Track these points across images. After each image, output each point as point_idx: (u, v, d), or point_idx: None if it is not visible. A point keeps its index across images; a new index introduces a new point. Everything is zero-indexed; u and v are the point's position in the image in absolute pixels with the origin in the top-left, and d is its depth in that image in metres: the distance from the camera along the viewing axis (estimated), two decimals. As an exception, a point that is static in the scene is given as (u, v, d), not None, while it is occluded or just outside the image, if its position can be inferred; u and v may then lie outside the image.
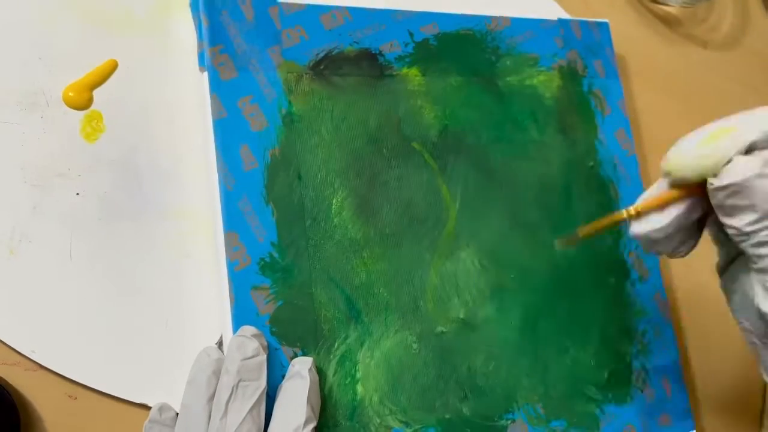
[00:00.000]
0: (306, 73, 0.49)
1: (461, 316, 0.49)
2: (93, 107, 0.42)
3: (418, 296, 0.48)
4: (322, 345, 0.45)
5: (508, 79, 0.55)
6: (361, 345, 0.46)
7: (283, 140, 0.47)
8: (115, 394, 0.43)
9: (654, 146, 0.64)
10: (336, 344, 0.45)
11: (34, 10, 0.47)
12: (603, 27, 0.60)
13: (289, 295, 0.44)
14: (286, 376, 0.42)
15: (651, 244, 0.41)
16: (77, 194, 0.45)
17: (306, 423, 0.39)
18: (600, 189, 0.56)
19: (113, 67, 0.43)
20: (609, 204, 0.56)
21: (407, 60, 0.52)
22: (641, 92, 0.66)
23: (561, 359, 0.51)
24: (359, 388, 0.45)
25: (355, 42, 0.51)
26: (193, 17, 0.49)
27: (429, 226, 0.50)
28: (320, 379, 0.44)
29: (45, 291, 0.43)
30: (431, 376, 0.47)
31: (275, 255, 0.45)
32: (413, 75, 0.52)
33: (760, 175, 0.35)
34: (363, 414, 0.45)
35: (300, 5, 0.50)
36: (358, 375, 0.45)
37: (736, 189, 0.36)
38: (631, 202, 0.56)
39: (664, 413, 0.53)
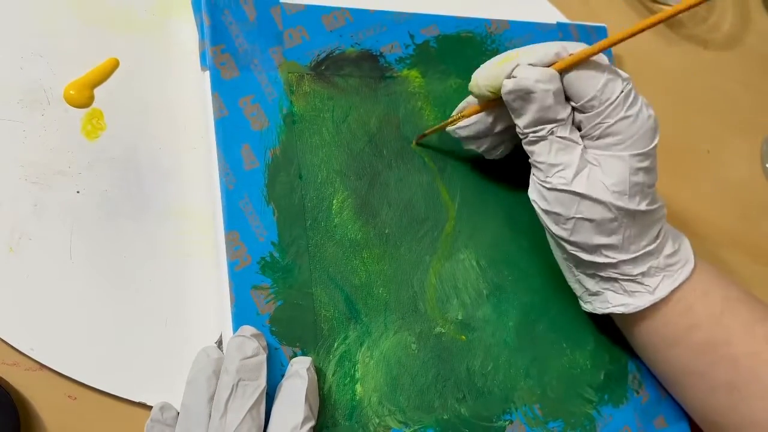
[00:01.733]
0: (307, 74, 0.49)
1: (460, 317, 0.49)
2: (94, 105, 0.42)
3: (417, 297, 0.48)
4: (322, 345, 0.45)
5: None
6: (361, 345, 0.46)
7: (284, 140, 0.47)
8: (115, 394, 0.43)
9: (653, 147, 0.64)
10: (335, 344, 0.45)
11: (36, 8, 0.47)
12: (601, 31, 0.60)
13: (289, 294, 0.45)
14: (285, 376, 0.43)
15: (464, 141, 0.50)
16: (78, 192, 0.45)
17: (304, 422, 0.40)
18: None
19: (114, 65, 0.43)
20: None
21: (408, 62, 0.52)
22: (641, 92, 0.66)
23: (558, 360, 0.51)
24: (358, 388, 0.45)
25: (356, 43, 0.51)
26: (195, 16, 0.49)
27: (428, 226, 0.50)
28: (319, 379, 0.44)
29: (45, 289, 0.43)
30: (430, 377, 0.47)
31: (275, 255, 0.45)
32: (413, 77, 0.52)
33: (537, 81, 0.42)
34: (362, 414, 0.45)
35: (301, 6, 0.50)
36: (358, 375, 0.45)
37: (517, 92, 0.43)
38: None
39: (659, 415, 0.53)
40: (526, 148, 0.45)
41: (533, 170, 0.45)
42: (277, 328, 0.44)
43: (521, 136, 0.45)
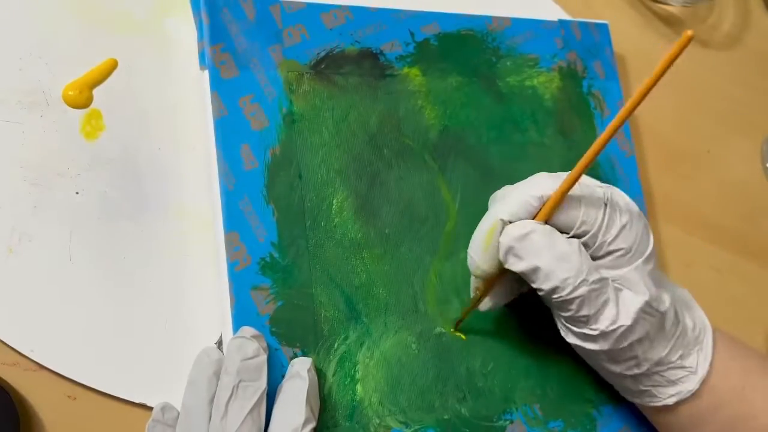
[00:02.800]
0: (307, 72, 0.49)
1: (460, 317, 0.49)
2: (93, 106, 0.42)
3: (417, 297, 0.48)
4: (322, 345, 0.45)
5: (508, 79, 0.55)
6: (361, 345, 0.46)
7: (284, 139, 0.47)
8: (115, 394, 0.43)
9: (653, 147, 0.64)
10: (336, 345, 0.45)
11: (35, 9, 0.47)
12: (602, 28, 0.60)
13: (289, 295, 0.44)
14: (286, 377, 0.42)
15: (495, 307, 0.47)
16: (77, 193, 0.45)
17: (305, 424, 0.39)
18: (599, 189, 0.56)
19: (113, 66, 0.43)
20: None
21: (408, 60, 0.52)
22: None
23: (558, 360, 0.51)
24: (359, 388, 0.45)
25: (356, 41, 0.51)
26: (194, 16, 0.48)
27: (429, 226, 0.50)
28: (320, 380, 0.44)
29: (44, 290, 0.43)
30: (430, 377, 0.47)
31: (275, 255, 0.45)
32: (414, 75, 0.52)
33: (522, 238, 0.41)
34: (362, 414, 0.45)
35: (301, 4, 0.50)
36: (358, 375, 0.45)
37: (512, 255, 0.42)
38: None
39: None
40: (560, 307, 0.42)
41: (567, 321, 0.43)
42: (277, 328, 0.44)
43: (549, 298, 0.42)
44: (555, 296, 0.41)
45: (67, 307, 0.43)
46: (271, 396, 0.42)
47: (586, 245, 0.42)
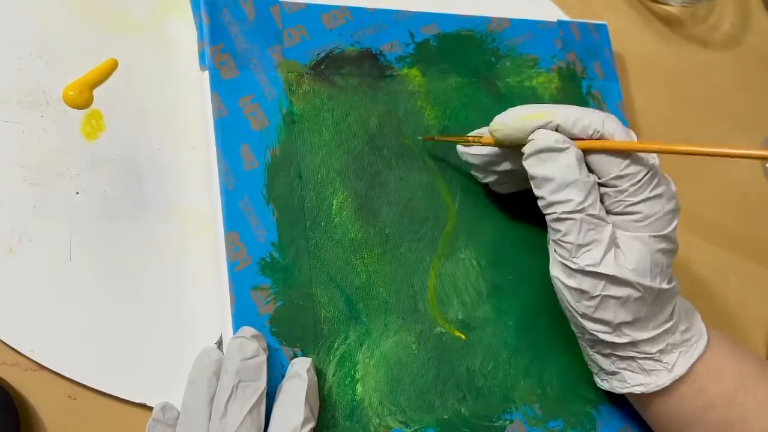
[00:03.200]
0: (307, 73, 0.49)
1: (460, 316, 0.49)
2: (93, 106, 0.42)
3: (417, 297, 0.48)
4: (322, 345, 0.45)
5: (507, 80, 0.55)
6: (361, 345, 0.46)
7: (284, 140, 0.47)
8: (115, 394, 0.43)
9: (653, 147, 0.64)
10: (336, 344, 0.45)
11: (35, 9, 0.47)
12: (601, 29, 0.60)
13: (290, 295, 0.44)
14: (285, 377, 0.43)
15: (471, 167, 0.50)
16: (77, 193, 0.45)
17: (304, 423, 0.39)
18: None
19: (113, 66, 0.43)
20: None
21: (408, 60, 0.52)
22: (641, 92, 0.66)
23: (558, 360, 0.51)
24: (359, 388, 0.45)
25: (355, 42, 0.51)
26: (194, 16, 0.48)
27: (429, 226, 0.50)
28: (320, 380, 0.44)
29: (44, 290, 0.43)
30: (430, 377, 0.47)
31: (275, 255, 0.45)
32: (414, 75, 0.52)
33: (555, 148, 0.42)
34: (362, 414, 0.45)
35: (301, 4, 0.50)
36: (358, 375, 0.45)
37: (538, 156, 0.43)
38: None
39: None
40: (552, 225, 0.43)
41: (555, 246, 0.44)
42: (277, 328, 0.44)
43: (544, 211, 0.44)
44: (550, 210, 0.43)
45: (67, 307, 0.43)
46: (270, 396, 0.42)
47: (606, 194, 0.43)
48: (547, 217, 0.43)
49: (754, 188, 0.68)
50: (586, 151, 0.43)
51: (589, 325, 0.44)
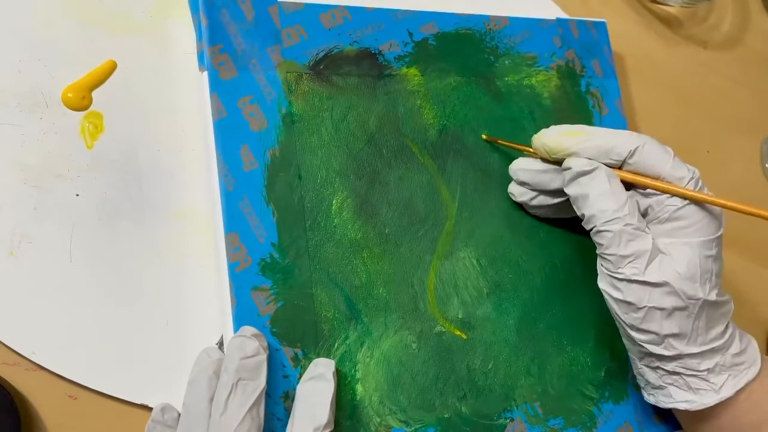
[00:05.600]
0: (306, 73, 0.49)
1: (460, 315, 0.49)
2: (92, 108, 0.42)
3: (417, 296, 0.48)
4: (322, 345, 0.45)
5: (506, 78, 0.55)
6: (361, 345, 0.46)
7: (283, 140, 0.47)
8: (116, 395, 0.43)
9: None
10: (336, 344, 0.45)
11: (33, 11, 0.47)
12: (601, 27, 0.60)
13: (290, 295, 0.44)
14: (308, 376, 0.43)
15: (516, 184, 0.52)
16: (77, 195, 0.45)
17: (326, 426, 0.40)
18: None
19: (112, 67, 0.43)
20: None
21: (407, 60, 0.52)
22: (640, 92, 0.66)
23: (558, 358, 0.51)
24: (359, 387, 0.45)
25: (354, 41, 0.51)
26: (193, 17, 0.49)
27: (428, 226, 0.50)
28: (320, 379, 0.44)
29: (45, 292, 0.43)
30: (430, 376, 0.47)
31: (276, 256, 0.45)
32: (412, 75, 0.52)
33: (587, 171, 0.45)
34: (363, 413, 0.45)
35: (299, 4, 0.50)
36: (358, 375, 0.45)
37: (575, 180, 0.45)
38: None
39: (660, 411, 0.53)
40: (595, 239, 0.45)
41: (601, 260, 0.45)
42: (277, 329, 0.44)
43: (587, 227, 0.45)
44: (590, 225, 0.45)
45: (68, 308, 0.43)
46: (270, 396, 0.42)
47: (651, 205, 0.44)
48: (591, 234, 0.45)
49: (754, 188, 0.68)
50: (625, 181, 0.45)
51: (638, 336, 0.45)
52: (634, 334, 0.45)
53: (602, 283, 0.46)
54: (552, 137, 0.47)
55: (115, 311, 0.44)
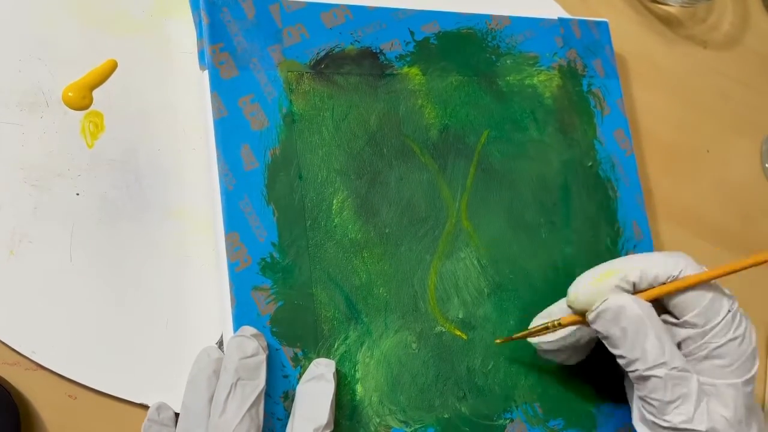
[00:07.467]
0: (307, 72, 0.49)
1: (460, 315, 0.49)
2: (93, 107, 0.42)
3: (417, 296, 0.48)
4: (322, 345, 0.45)
5: (508, 78, 0.55)
6: (361, 345, 0.46)
7: (284, 140, 0.47)
8: (115, 394, 0.43)
9: (653, 146, 0.64)
10: (336, 344, 0.45)
11: (34, 10, 0.47)
12: (602, 26, 0.60)
13: (290, 295, 0.44)
14: (308, 376, 0.43)
15: (542, 353, 0.49)
16: (77, 194, 0.45)
17: (326, 426, 0.40)
18: (598, 188, 0.56)
19: (113, 67, 0.43)
20: (607, 203, 0.56)
21: (408, 59, 0.52)
22: (640, 92, 0.66)
23: (559, 358, 0.51)
24: (359, 387, 0.45)
25: (355, 41, 0.51)
26: (193, 15, 0.48)
27: (429, 225, 0.50)
28: (320, 379, 0.44)
29: (45, 291, 0.43)
30: (430, 376, 0.47)
31: (276, 255, 0.45)
32: (414, 74, 0.52)
33: (624, 307, 0.42)
34: (363, 413, 0.45)
35: (301, 3, 0.50)
36: (358, 375, 0.45)
37: (606, 316, 0.42)
38: (630, 201, 0.57)
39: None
40: (636, 383, 0.43)
41: (642, 403, 0.43)
42: (277, 328, 0.44)
43: (626, 369, 0.43)
44: (632, 368, 0.42)
45: (68, 308, 0.43)
46: (270, 396, 0.42)
47: (689, 338, 0.42)
48: (630, 375, 0.43)
49: (754, 188, 0.68)
50: (659, 299, 0.43)
51: None
52: None
53: (641, 427, 0.43)
54: (587, 288, 0.44)
55: (115, 311, 0.44)
